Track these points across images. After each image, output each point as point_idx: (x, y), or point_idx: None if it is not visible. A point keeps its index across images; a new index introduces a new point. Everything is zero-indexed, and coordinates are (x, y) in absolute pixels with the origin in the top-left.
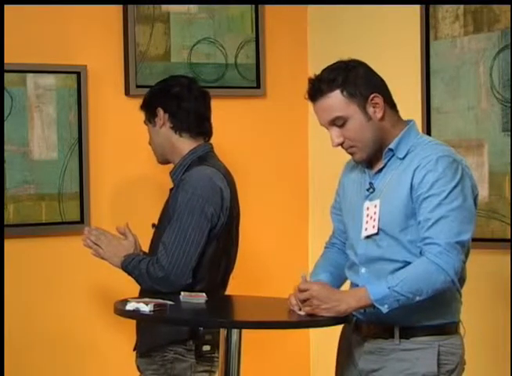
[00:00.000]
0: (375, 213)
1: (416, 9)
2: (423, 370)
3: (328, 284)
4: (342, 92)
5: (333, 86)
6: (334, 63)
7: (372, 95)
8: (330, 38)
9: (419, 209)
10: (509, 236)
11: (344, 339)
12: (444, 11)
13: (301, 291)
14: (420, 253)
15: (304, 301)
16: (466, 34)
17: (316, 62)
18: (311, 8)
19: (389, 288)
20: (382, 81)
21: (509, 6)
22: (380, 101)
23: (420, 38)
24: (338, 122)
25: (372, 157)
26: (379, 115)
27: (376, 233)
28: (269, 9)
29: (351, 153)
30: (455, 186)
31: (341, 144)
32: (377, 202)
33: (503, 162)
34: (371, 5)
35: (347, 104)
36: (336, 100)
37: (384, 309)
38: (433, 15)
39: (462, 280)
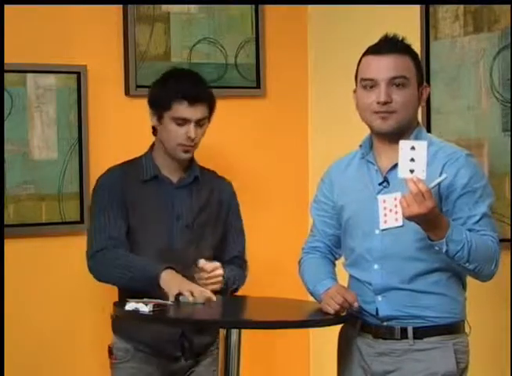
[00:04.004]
0: (396, 206)
1: (416, 9)
2: (443, 370)
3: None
4: (413, 61)
5: (409, 51)
6: None
7: (424, 84)
8: (330, 38)
9: (453, 205)
10: (509, 236)
11: (345, 342)
12: (444, 11)
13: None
14: None
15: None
16: (466, 34)
17: (316, 62)
18: (311, 8)
19: (465, 237)
20: None
21: (509, 6)
22: (426, 93)
23: (420, 38)
24: (400, 81)
25: (390, 138)
26: (422, 103)
27: (401, 226)
28: (269, 9)
29: (384, 118)
30: (486, 182)
31: (386, 103)
32: (398, 195)
33: (503, 162)
34: (371, 5)
35: (413, 73)
36: (408, 63)
37: (444, 248)
38: (433, 15)
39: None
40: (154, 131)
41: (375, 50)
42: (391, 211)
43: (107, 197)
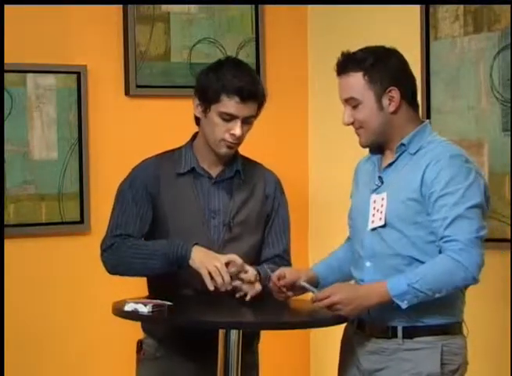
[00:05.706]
0: (382, 206)
1: (416, 9)
2: (427, 370)
3: (345, 284)
4: (364, 75)
5: (358, 68)
6: (375, 46)
7: (390, 88)
8: (330, 38)
9: (433, 207)
10: (509, 236)
11: (346, 339)
12: (444, 11)
13: (322, 298)
14: (440, 251)
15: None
16: (466, 34)
17: (316, 62)
18: (311, 8)
19: (408, 285)
20: (411, 76)
21: (509, 6)
22: (397, 95)
23: (420, 38)
24: (352, 103)
25: (380, 146)
26: (391, 109)
27: (383, 226)
28: (269, 9)
29: (357, 134)
30: (470, 185)
31: (351, 124)
32: (384, 195)
33: (503, 162)
34: (371, 5)
35: (364, 89)
36: (356, 82)
37: (404, 304)
38: (433, 15)
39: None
40: (197, 121)
41: (335, 71)
42: (377, 210)
43: (130, 194)
